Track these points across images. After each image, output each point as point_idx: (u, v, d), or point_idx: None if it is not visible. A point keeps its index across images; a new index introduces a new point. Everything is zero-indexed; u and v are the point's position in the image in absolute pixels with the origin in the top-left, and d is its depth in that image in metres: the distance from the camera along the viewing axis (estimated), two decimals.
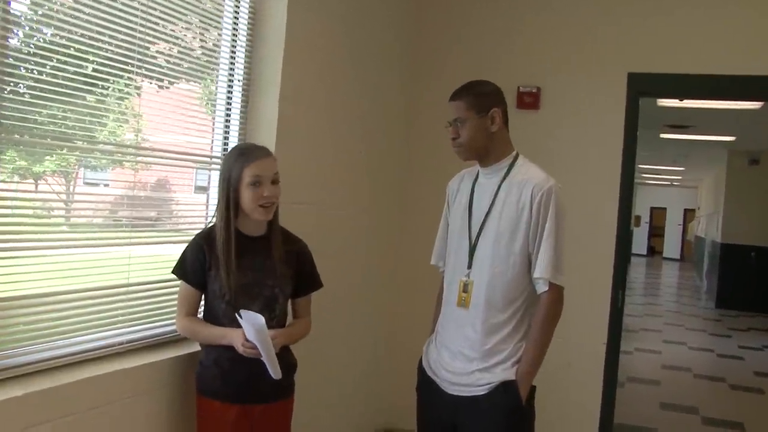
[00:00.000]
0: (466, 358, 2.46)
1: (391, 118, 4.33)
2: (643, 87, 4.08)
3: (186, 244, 2.43)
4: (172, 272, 2.43)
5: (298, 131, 3.26)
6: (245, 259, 2.34)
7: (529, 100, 4.23)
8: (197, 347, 2.53)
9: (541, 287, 2.40)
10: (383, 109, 4.20)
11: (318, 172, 3.47)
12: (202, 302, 2.46)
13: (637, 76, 4.06)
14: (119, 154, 2.57)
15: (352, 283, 3.92)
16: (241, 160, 2.32)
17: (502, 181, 2.47)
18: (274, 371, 2.31)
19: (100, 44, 2.31)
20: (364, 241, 4.06)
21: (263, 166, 2.34)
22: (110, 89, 2.42)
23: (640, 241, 24.80)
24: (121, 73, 2.41)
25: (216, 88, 3.00)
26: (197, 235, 2.43)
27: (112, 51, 2.36)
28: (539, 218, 2.38)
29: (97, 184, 2.74)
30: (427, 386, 2.58)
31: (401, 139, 4.47)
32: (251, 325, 2.20)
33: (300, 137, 3.29)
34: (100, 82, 2.35)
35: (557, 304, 2.41)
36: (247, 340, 2.25)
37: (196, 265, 2.35)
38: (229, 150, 2.56)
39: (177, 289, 2.48)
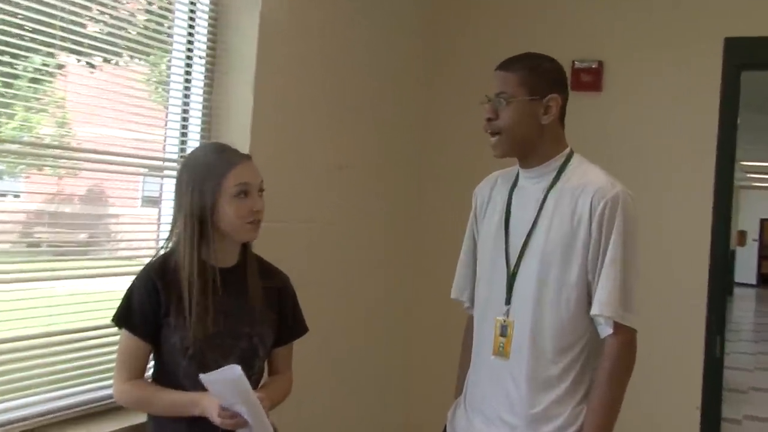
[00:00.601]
0: (508, 426, 2.42)
1: (405, 102, 4.38)
2: (747, 56, 4.04)
3: (132, 279, 2.38)
4: (113, 321, 2.38)
5: (281, 124, 3.27)
6: (216, 299, 2.32)
7: (588, 79, 4.22)
8: (143, 418, 2.48)
9: (605, 330, 2.36)
10: (394, 92, 4.23)
11: (306, 180, 3.48)
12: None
13: (737, 41, 4.01)
14: (34, 156, 2.55)
15: (350, 326, 3.94)
16: (218, 166, 2.32)
17: (550, 187, 2.44)
18: None
19: (5, 6, 2.30)
20: (367, 271, 4.08)
21: (250, 171, 2.36)
22: (21, 68, 2.41)
23: (746, 266, 24.55)
24: (36, 47, 2.40)
25: (169, 68, 3.00)
26: (147, 267, 2.38)
27: (23, 16, 2.34)
28: (601, 236, 2.35)
29: (3, 195, 2.71)
30: None
31: (417, 132, 4.51)
32: (226, 382, 2.16)
33: (283, 132, 3.29)
34: (4, 58, 2.33)
35: (627, 352, 2.37)
36: (223, 408, 2.21)
37: (147, 309, 2.31)
38: (191, 152, 2.55)
39: (117, 339, 2.43)
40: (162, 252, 2.41)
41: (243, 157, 2.37)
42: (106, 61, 2.70)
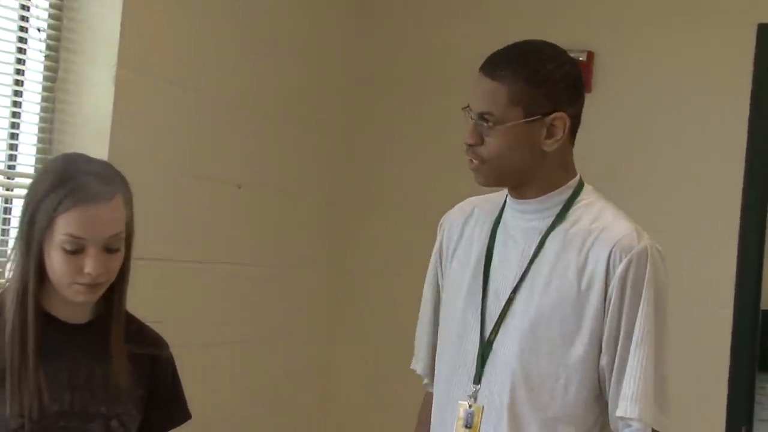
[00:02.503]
0: None
1: (327, 102, 4.48)
2: None
3: None
4: None
5: (155, 124, 3.31)
6: (59, 365, 2.25)
7: None
8: None
9: None
10: (313, 88, 4.31)
11: (191, 201, 3.53)
12: None
13: None
14: None
15: (247, 405, 3.96)
16: (52, 200, 2.19)
17: (551, 228, 2.36)
18: None
19: None
20: (272, 330, 4.16)
21: (92, 218, 2.19)
22: None
23: None
24: None
25: None
26: None
27: None
28: (623, 306, 2.26)
29: None
30: None
31: (341, 141, 4.62)
32: None
33: (158, 136, 3.33)
34: None
35: None
36: None
37: None
38: (49, 160, 2.63)
39: None
40: None
41: (93, 196, 2.19)
42: None
